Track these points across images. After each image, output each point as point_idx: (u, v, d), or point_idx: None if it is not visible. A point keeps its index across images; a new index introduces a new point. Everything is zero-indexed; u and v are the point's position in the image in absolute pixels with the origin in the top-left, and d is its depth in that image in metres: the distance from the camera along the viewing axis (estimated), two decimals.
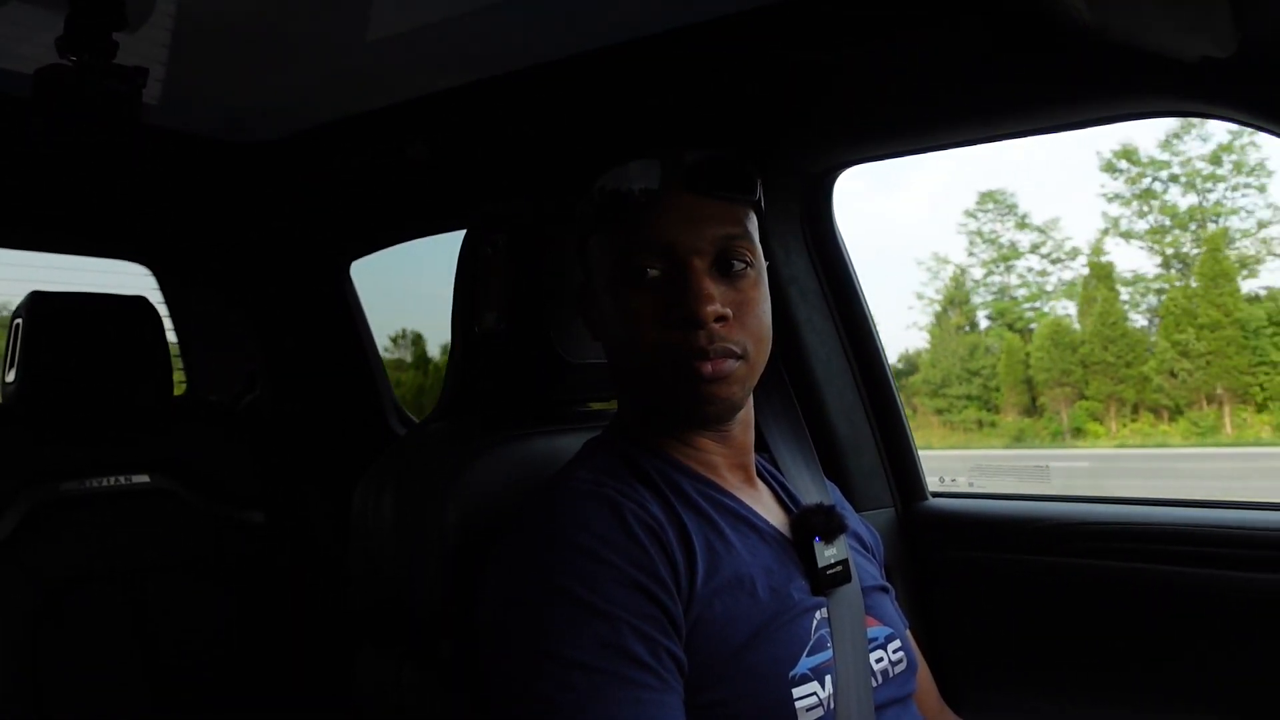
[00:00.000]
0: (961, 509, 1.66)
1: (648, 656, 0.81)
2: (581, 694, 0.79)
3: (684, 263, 0.93)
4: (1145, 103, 1.29)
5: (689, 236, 0.93)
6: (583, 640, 0.80)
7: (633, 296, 0.94)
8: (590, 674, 0.79)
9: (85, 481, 1.73)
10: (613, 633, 0.81)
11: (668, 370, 0.93)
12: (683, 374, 0.92)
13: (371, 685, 1.06)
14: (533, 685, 0.80)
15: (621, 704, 0.79)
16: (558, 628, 0.81)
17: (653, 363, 0.93)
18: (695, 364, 0.91)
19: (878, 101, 1.41)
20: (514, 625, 0.84)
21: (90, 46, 1.15)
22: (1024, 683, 1.56)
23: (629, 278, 0.94)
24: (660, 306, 0.93)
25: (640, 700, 0.80)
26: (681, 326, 0.92)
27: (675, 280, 0.93)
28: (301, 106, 1.77)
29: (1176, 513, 1.46)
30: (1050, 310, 10.00)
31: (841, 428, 1.68)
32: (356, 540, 1.05)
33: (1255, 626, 1.35)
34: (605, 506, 0.88)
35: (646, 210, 0.94)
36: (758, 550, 0.95)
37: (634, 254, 0.94)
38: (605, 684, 0.79)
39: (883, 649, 1.00)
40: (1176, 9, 0.96)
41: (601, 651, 0.80)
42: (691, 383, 0.92)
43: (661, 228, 0.94)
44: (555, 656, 0.80)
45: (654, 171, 0.95)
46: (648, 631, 0.82)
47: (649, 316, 0.93)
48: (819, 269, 1.69)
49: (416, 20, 1.41)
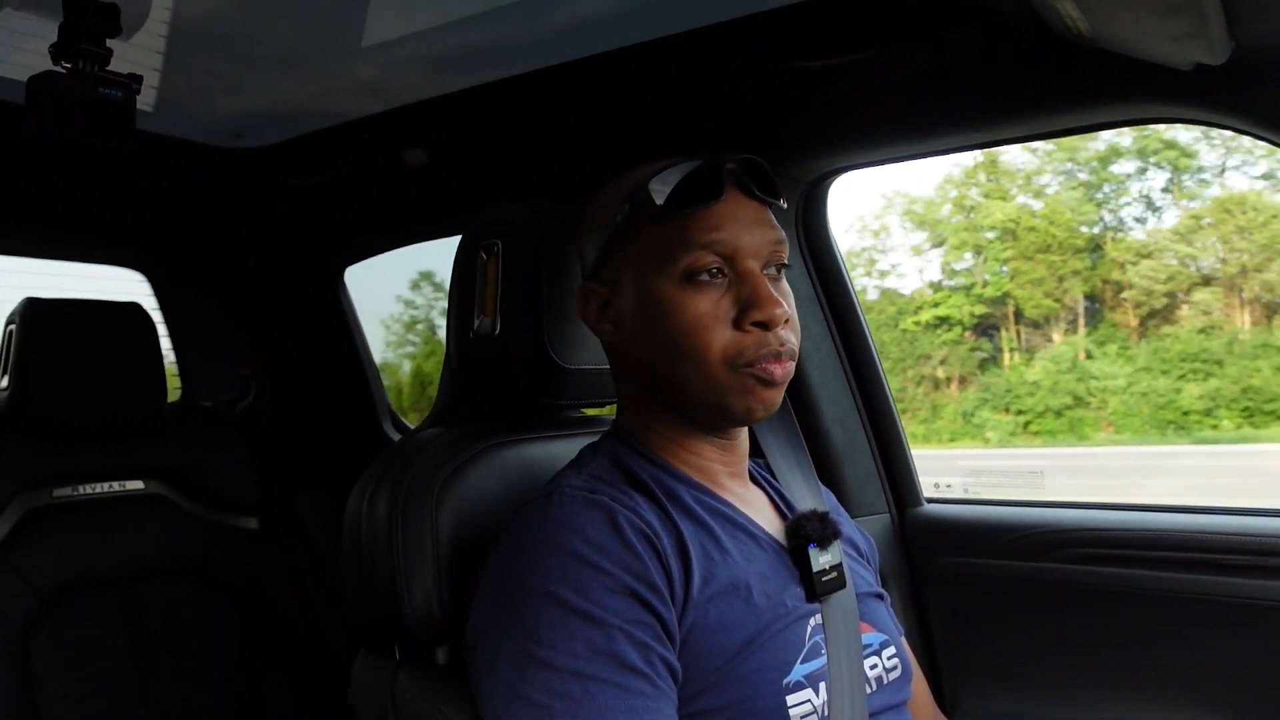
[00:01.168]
0: (957, 515, 1.66)
1: (641, 663, 0.81)
2: (576, 700, 0.78)
3: (745, 266, 0.93)
4: (1139, 109, 1.29)
5: (750, 239, 0.94)
6: (576, 647, 0.80)
7: (697, 297, 0.93)
8: (584, 680, 0.79)
9: (79, 487, 1.72)
10: (606, 639, 0.81)
11: (736, 371, 0.92)
12: (753, 375, 0.92)
13: (367, 691, 1.05)
14: (526, 692, 0.80)
15: (616, 711, 0.79)
16: (551, 634, 0.81)
17: (721, 362, 0.92)
18: (767, 366, 0.92)
19: (873, 107, 1.41)
20: (506, 632, 0.83)
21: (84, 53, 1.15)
22: (1019, 689, 1.56)
23: (689, 277, 0.93)
24: (725, 307, 0.93)
25: (635, 708, 0.79)
26: (757, 327, 0.92)
27: (739, 282, 0.93)
28: (296, 112, 1.77)
29: (1173, 519, 1.46)
30: None
31: (836, 434, 1.68)
32: (351, 546, 1.05)
33: (1251, 632, 1.35)
34: (600, 513, 0.88)
35: (710, 212, 0.93)
36: (754, 557, 0.95)
37: (695, 254, 0.92)
38: (599, 690, 0.79)
39: (877, 655, 1.00)
40: (1170, 17, 0.96)
41: (595, 658, 0.80)
42: (759, 382, 0.92)
43: (726, 229, 0.93)
44: (548, 664, 0.80)
45: (716, 173, 0.94)
46: (641, 638, 0.82)
47: (716, 316, 0.92)
48: (813, 275, 1.69)
49: (411, 26, 1.41)
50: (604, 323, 1.00)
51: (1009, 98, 1.33)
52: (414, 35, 1.44)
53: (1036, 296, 12.45)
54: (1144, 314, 11.81)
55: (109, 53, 1.18)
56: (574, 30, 1.42)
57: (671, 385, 0.96)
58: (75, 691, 1.59)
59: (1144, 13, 0.97)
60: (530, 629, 0.82)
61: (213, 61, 1.53)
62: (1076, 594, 1.49)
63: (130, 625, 1.68)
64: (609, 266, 0.99)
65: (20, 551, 1.60)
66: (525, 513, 0.91)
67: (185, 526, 1.80)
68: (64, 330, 1.69)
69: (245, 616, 1.81)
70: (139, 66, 1.35)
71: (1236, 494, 6.89)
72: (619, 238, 0.97)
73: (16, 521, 1.64)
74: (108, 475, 1.75)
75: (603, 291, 1.00)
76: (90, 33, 1.14)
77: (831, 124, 1.48)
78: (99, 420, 1.72)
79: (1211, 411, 10.48)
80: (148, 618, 1.70)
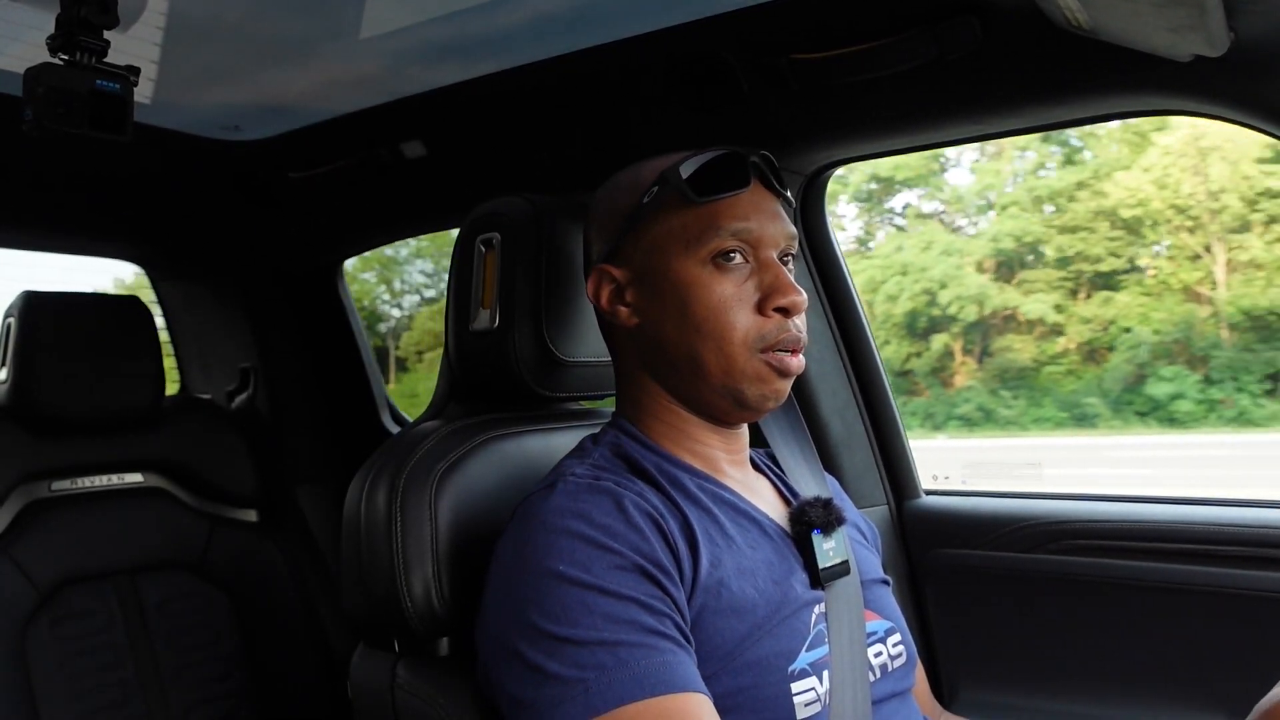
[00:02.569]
0: (955, 507, 1.67)
1: (660, 626, 0.82)
2: (609, 669, 0.79)
3: (767, 254, 0.96)
4: (1138, 101, 1.29)
5: (772, 230, 0.96)
6: (596, 620, 0.81)
7: (724, 279, 0.94)
8: (612, 648, 0.80)
9: (77, 481, 1.72)
10: (622, 609, 0.81)
11: (754, 355, 0.94)
12: (769, 362, 0.94)
13: (367, 684, 1.05)
14: (556, 671, 0.80)
15: (650, 669, 0.79)
16: (570, 613, 0.81)
17: (742, 344, 0.94)
18: (783, 356, 0.95)
19: (871, 99, 1.41)
20: (524, 619, 0.83)
21: (81, 45, 1.15)
22: (1017, 681, 1.56)
23: (716, 261, 0.95)
24: (748, 291, 0.95)
25: (668, 663, 0.80)
26: (779, 313, 0.94)
27: (762, 269, 0.95)
28: (294, 105, 1.77)
29: (1171, 510, 1.46)
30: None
31: (835, 425, 1.68)
32: (350, 538, 1.05)
33: (1250, 624, 1.35)
34: (606, 497, 0.88)
35: (738, 200, 0.95)
36: (759, 544, 0.95)
37: (724, 239, 0.94)
38: (629, 654, 0.80)
39: (882, 643, 1.00)
40: (1170, 8, 0.96)
41: (617, 626, 0.80)
42: (774, 371, 0.95)
43: (753, 219, 0.95)
44: (572, 639, 0.80)
45: (743, 163, 0.96)
46: (658, 607, 0.83)
47: (740, 299, 0.94)
48: (811, 266, 1.69)
49: (410, 18, 1.41)
50: (618, 306, 1.00)
51: (1008, 89, 1.33)
52: (412, 27, 1.43)
53: None
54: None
55: (106, 45, 1.17)
56: (572, 22, 1.42)
57: (689, 368, 0.96)
58: (74, 684, 1.60)
59: (1143, 4, 0.97)
60: (547, 611, 0.82)
61: (210, 54, 1.53)
62: (1074, 585, 1.49)
63: (129, 618, 1.68)
64: (625, 250, 1.00)
65: (19, 545, 1.61)
66: (530, 503, 0.91)
67: (184, 519, 1.80)
68: (62, 323, 1.69)
69: (244, 609, 1.81)
70: (136, 59, 1.34)
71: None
72: (640, 221, 0.98)
73: (15, 515, 1.64)
74: (106, 468, 1.75)
75: (618, 274, 1.00)
76: (87, 25, 1.13)
77: (830, 116, 1.48)
78: (97, 413, 1.72)
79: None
80: (146, 610, 1.70)
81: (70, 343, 1.68)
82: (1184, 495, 1.51)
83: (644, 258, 0.98)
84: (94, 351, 1.70)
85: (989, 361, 8.91)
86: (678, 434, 1.00)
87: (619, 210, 1.01)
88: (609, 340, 1.06)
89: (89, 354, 1.69)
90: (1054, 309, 8.54)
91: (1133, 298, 8.30)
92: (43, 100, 1.13)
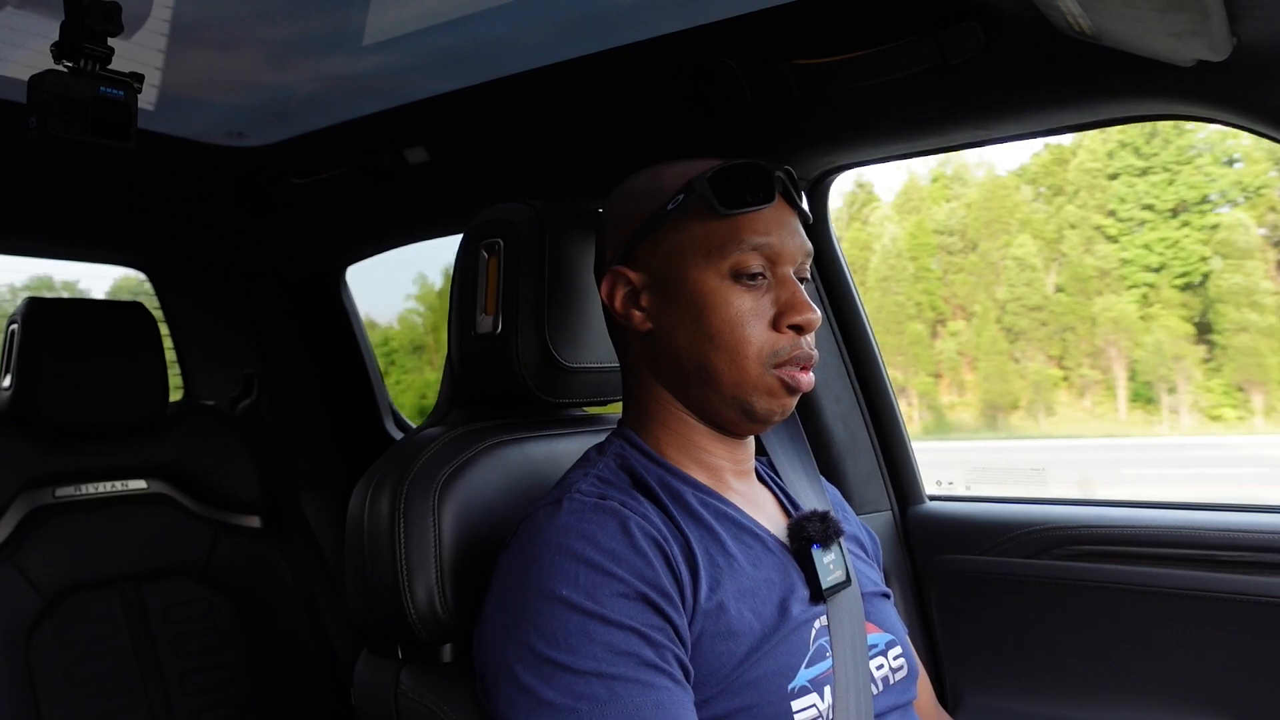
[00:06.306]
0: (959, 512, 1.66)
1: (660, 661, 0.82)
2: (602, 701, 0.79)
3: (784, 271, 0.96)
4: (1142, 106, 1.29)
5: (791, 246, 0.96)
6: (595, 649, 0.80)
7: (743, 294, 0.95)
8: (608, 680, 0.80)
9: (81, 487, 1.72)
10: (624, 640, 0.81)
11: (767, 369, 0.94)
12: (781, 378, 0.95)
13: (370, 691, 1.05)
14: (550, 697, 0.80)
15: (642, 707, 0.79)
16: (570, 639, 0.81)
17: (755, 358, 0.94)
18: (795, 373, 0.95)
19: (875, 105, 1.41)
20: (522, 639, 0.83)
21: (86, 52, 1.15)
22: (1022, 687, 1.56)
23: (735, 275, 0.95)
24: (764, 306, 0.95)
25: (660, 703, 0.80)
26: (793, 330, 0.95)
27: (778, 285, 0.96)
28: (298, 111, 1.77)
29: (1175, 515, 1.46)
30: None
31: (838, 431, 1.68)
32: (353, 545, 1.05)
33: (1252, 628, 1.35)
34: (612, 519, 0.87)
35: (761, 214, 0.95)
36: (760, 561, 0.95)
37: (745, 254, 0.94)
38: (624, 689, 0.80)
39: (883, 656, 1.00)
40: (1172, 13, 0.96)
41: (615, 658, 0.80)
42: (785, 387, 0.95)
43: (774, 234, 0.95)
44: (569, 667, 0.80)
45: (769, 177, 0.96)
46: (657, 639, 0.82)
47: (757, 314, 0.95)
48: (814, 272, 1.69)
49: (413, 24, 1.41)
50: (631, 310, 1.00)
51: (1011, 95, 1.33)
52: (415, 34, 1.44)
53: None
54: None
55: (110, 52, 1.17)
56: (575, 29, 1.42)
57: (700, 376, 0.96)
58: (77, 691, 1.59)
59: (1145, 9, 0.97)
60: (547, 635, 0.82)
61: (214, 60, 1.53)
62: (1079, 591, 1.49)
63: (133, 624, 1.68)
64: (642, 254, 0.99)
65: (23, 551, 1.61)
66: (535, 519, 0.90)
67: (188, 526, 1.80)
68: (66, 329, 1.69)
69: (248, 616, 1.81)
70: (140, 65, 1.35)
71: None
72: (660, 226, 0.98)
73: (19, 521, 1.64)
74: (110, 475, 1.76)
75: (633, 278, 0.99)
76: (91, 31, 1.14)
77: (833, 122, 1.48)
78: (101, 419, 1.73)
79: None
80: (150, 617, 1.70)
81: (74, 349, 1.68)
82: (1189, 501, 1.51)
83: (662, 263, 0.98)
84: (98, 358, 1.70)
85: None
86: (684, 443, 1.00)
87: (637, 214, 1.00)
88: (618, 344, 1.06)
89: (93, 360, 1.70)
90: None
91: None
92: (47, 107, 1.14)
